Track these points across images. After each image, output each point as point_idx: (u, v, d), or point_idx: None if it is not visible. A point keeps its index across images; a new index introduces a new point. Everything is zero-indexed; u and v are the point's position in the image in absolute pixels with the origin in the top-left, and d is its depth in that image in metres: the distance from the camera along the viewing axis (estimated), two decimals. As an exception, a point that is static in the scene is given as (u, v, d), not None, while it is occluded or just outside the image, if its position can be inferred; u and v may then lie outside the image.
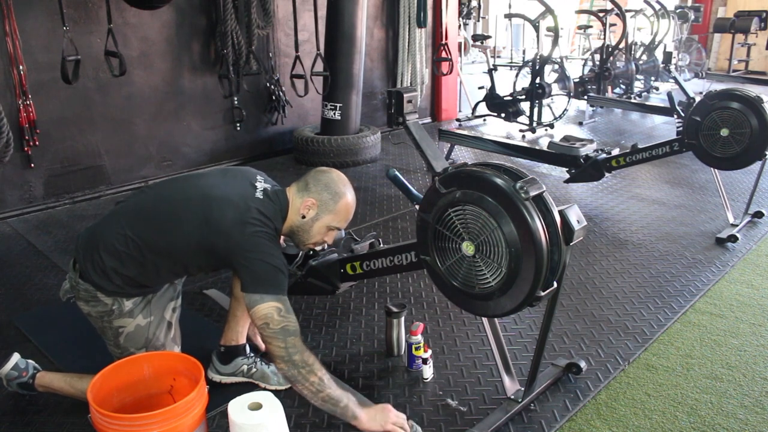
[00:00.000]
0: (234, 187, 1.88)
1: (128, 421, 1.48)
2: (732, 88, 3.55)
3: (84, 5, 4.07)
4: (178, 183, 1.99)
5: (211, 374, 2.18)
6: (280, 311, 1.72)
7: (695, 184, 4.62)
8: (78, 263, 1.89)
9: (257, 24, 4.73)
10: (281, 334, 1.71)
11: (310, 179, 1.92)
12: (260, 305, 1.71)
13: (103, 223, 1.93)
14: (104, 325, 1.93)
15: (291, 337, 1.72)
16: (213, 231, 1.78)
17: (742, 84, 7.81)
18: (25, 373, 2.06)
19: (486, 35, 7.19)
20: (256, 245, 1.76)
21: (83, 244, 1.90)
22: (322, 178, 1.92)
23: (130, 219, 1.86)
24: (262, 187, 1.89)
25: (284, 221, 1.91)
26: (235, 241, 1.76)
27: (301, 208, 1.90)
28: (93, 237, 1.89)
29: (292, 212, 1.91)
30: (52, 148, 4.12)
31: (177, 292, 2.10)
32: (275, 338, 1.71)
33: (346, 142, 5.05)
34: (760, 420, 2.05)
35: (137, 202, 1.95)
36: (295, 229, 1.94)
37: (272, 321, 1.71)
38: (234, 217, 1.78)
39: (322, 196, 1.90)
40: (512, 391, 2.07)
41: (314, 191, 1.90)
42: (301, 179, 1.95)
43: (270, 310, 1.71)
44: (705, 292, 2.92)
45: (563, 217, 1.73)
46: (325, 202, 1.90)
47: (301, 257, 2.52)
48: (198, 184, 1.92)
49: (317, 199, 1.90)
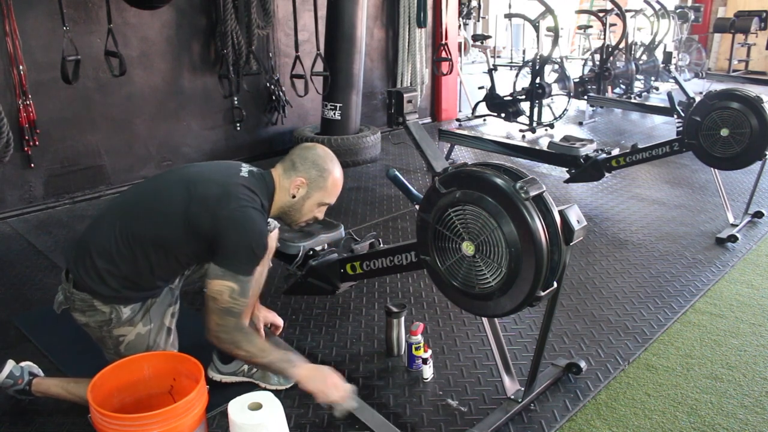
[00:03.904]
0: (218, 171, 1.88)
1: (128, 421, 1.49)
2: (732, 88, 3.55)
3: (84, 5, 4.07)
4: (161, 175, 1.98)
5: (211, 373, 2.18)
6: (232, 292, 1.72)
7: (695, 184, 4.62)
8: (71, 273, 1.84)
9: (257, 24, 4.73)
10: (222, 312, 1.73)
11: (296, 158, 1.91)
12: (217, 280, 1.72)
13: (90, 229, 1.89)
14: (103, 334, 1.89)
15: (229, 317, 1.73)
16: (198, 209, 1.76)
17: (742, 84, 7.81)
18: (21, 380, 2.03)
19: (486, 35, 7.18)
20: (240, 218, 1.74)
21: (74, 252, 1.85)
22: (308, 155, 1.91)
23: (116, 217, 1.84)
24: (247, 169, 1.89)
25: (271, 200, 1.90)
26: (220, 215, 1.73)
27: (291, 188, 1.89)
28: (83, 244, 1.85)
29: (282, 192, 1.90)
30: (52, 148, 4.12)
31: (175, 297, 2.07)
32: (214, 314, 1.73)
33: (346, 142, 5.05)
34: (760, 420, 2.05)
35: (122, 200, 1.94)
36: (286, 209, 1.94)
37: (221, 299, 1.72)
38: (218, 193, 1.77)
39: (310, 173, 1.89)
40: (512, 391, 2.07)
41: (302, 170, 1.89)
42: (286, 158, 1.93)
43: (223, 287, 1.71)
44: (705, 292, 2.92)
45: (563, 217, 1.73)
46: (314, 179, 1.90)
47: (301, 257, 2.52)
48: (180, 172, 1.93)
49: (306, 178, 1.89)
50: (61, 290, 1.91)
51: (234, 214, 1.74)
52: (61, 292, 1.91)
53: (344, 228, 2.74)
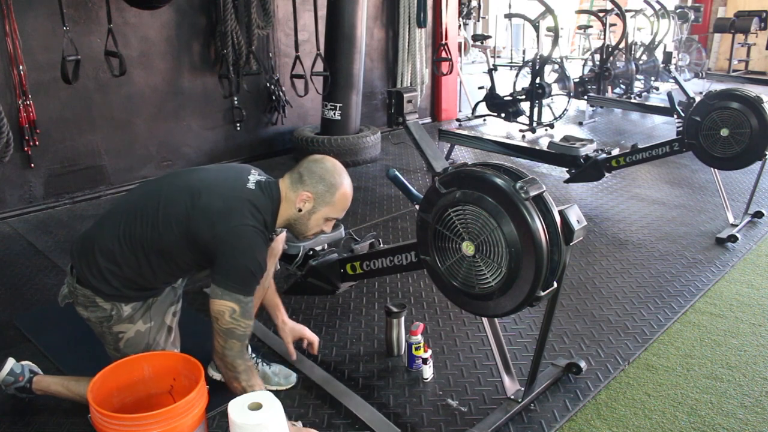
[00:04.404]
0: (224, 179, 1.84)
1: (128, 421, 1.48)
2: (732, 88, 3.55)
3: (84, 5, 4.07)
4: (168, 178, 1.95)
5: (211, 372, 2.18)
6: (233, 313, 1.69)
7: (695, 184, 4.62)
8: (75, 268, 1.85)
9: (257, 24, 4.73)
10: (225, 334, 1.71)
11: (304, 170, 1.86)
12: (218, 300, 1.70)
13: (96, 226, 1.89)
14: (103, 330, 1.90)
15: (233, 340, 1.71)
16: (198, 220, 1.73)
17: (742, 84, 7.81)
18: (22, 377, 2.04)
19: (486, 35, 7.18)
20: (239, 238, 1.72)
21: (78, 249, 1.86)
22: (316, 169, 1.86)
23: (120, 218, 1.83)
24: (254, 179, 1.85)
25: (276, 214, 1.86)
26: (219, 231, 1.71)
27: (297, 202, 1.85)
28: (88, 240, 1.85)
29: (288, 205, 1.87)
30: (52, 148, 4.12)
31: (177, 296, 2.07)
32: (218, 334, 1.72)
33: (346, 142, 5.05)
34: (760, 420, 2.05)
35: (127, 200, 1.92)
36: (292, 221, 1.90)
37: (222, 320, 1.70)
38: (221, 207, 1.74)
39: (317, 188, 1.84)
40: (512, 391, 2.07)
41: (309, 184, 1.84)
42: (295, 170, 1.89)
43: (224, 308, 1.69)
44: (705, 292, 2.92)
45: (563, 217, 1.73)
46: (321, 194, 1.85)
47: (301, 257, 2.52)
48: (188, 177, 1.89)
49: (313, 192, 1.84)
50: (66, 283, 1.92)
51: (233, 232, 1.71)
52: (67, 286, 1.92)
53: (344, 228, 2.75)
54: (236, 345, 1.72)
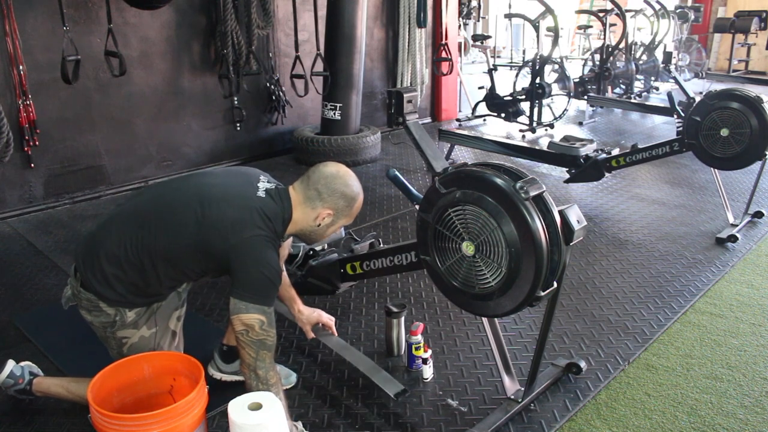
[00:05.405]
0: (234, 186, 1.82)
1: (128, 421, 1.49)
2: (732, 88, 3.55)
3: (84, 5, 4.07)
4: (176, 183, 1.93)
5: (211, 371, 2.18)
6: (262, 324, 1.69)
7: (695, 184, 4.62)
8: (79, 271, 1.83)
9: (257, 24, 4.73)
10: (257, 345, 1.69)
11: (322, 187, 1.83)
12: (244, 315, 1.68)
13: (101, 229, 1.86)
14: (107, 335, 1.88)
15: (264, 351, 1.70)
16: (210, 231, 1.72)
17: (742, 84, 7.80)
18: (22, 380, 2.03)
19: (486, 35, 7.19)
20: (253, 249, 1.71)
21: (83, 252, 1.84)
22: (335, 186, 1.84)
23: (127, 223, 1.80)
24: (264, 187, 1.83)
25: (286, 222, 1.85)
26: (232, 242, 1.70)
27: (317, 219, 1.86)
28: (92, 243, 1.83)
29: (304, 218, 1.86)
30: (52, 148, 4.12)
31: (182, 301, 2.05)
32: (249, 347, 1.70)
33: (346, 142, 5.05)
34: (760, 420, 2.05)
35: (135, 204, 1.89)
36: (308, 232, 1.91)
37: (252, 332, 1.68)
38: (233, 218, 1.73)
39: (337, 204, 1.85)
40: (512, 391, 2.07)
41: (329, 200, 1.84)
42: (310, 185, 1.85)
43: (253, 321, 1.68)
44: (705, 292, 2.92)
45: (563, 217, 1.73)
46: (341, 209, 1.87)
47: (301, 257, 2.52)
48: (197, 183, 1.87)
49: (333, 209, 1.85)
50: (69, 285, 1.90)
51: (247, 243, 1.71)
52: (70, 288, 1.89)
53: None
54: (268, 356, 1.71)
